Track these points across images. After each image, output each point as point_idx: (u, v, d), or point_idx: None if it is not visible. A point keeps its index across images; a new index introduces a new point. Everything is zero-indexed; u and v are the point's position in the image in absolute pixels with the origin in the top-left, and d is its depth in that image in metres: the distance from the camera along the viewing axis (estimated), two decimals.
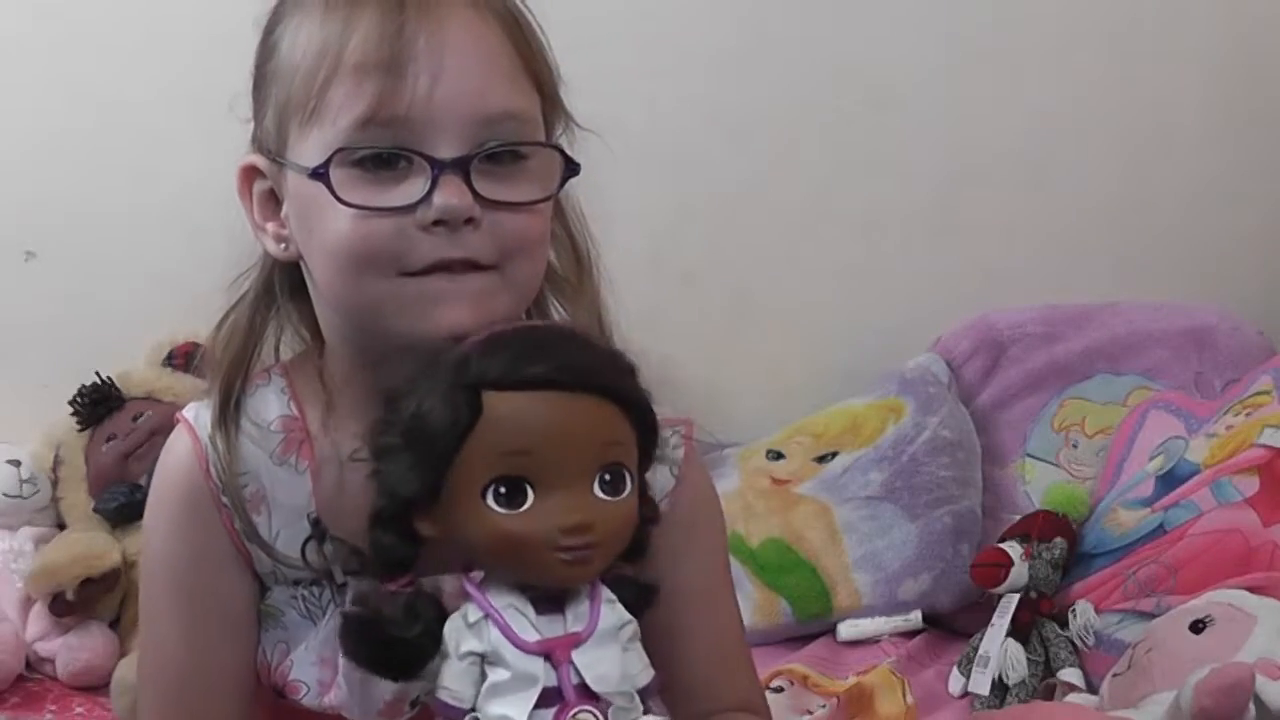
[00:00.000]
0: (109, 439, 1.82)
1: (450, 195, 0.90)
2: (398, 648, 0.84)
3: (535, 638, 0.82)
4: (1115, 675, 1.41)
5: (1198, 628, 1.37)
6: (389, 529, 0.85)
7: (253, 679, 1.03)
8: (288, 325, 1.03)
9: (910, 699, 1.51)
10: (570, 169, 0.96)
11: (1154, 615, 1.50)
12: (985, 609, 1.63)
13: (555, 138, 0.99)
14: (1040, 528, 1.66)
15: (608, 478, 0.83)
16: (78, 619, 1.70)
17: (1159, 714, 1.27)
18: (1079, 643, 1.57)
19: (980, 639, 1.60)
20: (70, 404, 1.83)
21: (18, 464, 1.83)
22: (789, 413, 1.95)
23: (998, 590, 1.61)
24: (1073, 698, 1.49)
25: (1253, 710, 1.21)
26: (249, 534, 0.99)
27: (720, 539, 1.11)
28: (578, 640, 0.83)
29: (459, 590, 0.86)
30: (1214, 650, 1.31)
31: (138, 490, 1.75)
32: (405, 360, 0.90)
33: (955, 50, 1.99)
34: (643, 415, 0.87)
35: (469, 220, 0.90)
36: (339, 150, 0.90)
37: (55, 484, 1.85)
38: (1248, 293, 2.01)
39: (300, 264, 0.98)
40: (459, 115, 0.90)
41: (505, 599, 0.83)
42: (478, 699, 0.82)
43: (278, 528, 0.99)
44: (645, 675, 0.86)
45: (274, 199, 0.98)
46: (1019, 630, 1.58)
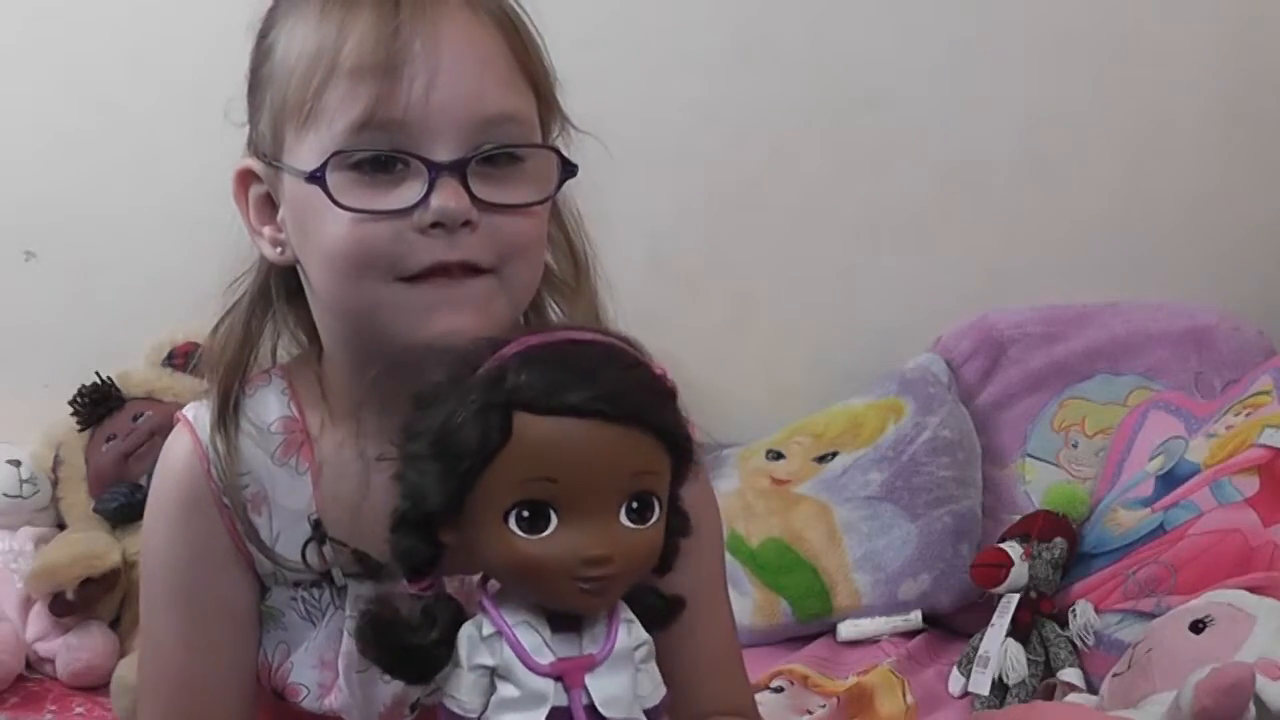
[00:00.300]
0: (109, 439, 1.82)
1: (448, 198, 0.89)
2: (412, 652, 0.82)
3: (548, 659, 0.80)
4: (1115, 675, 1.41)
5: (1198, 628, 1.37)
6: (410, 533, 0.83)
7: (254, 680, 1.02)
8: (284, 329, 1.03)
9: (910, 699, 1.51)
10: (568, 170, 0.96)
11: (1154, 615, 1.50)
12: (985, 609, 1.63)
13: (551, 139, 0.98)
14: (1040, 528, 1.66)
15: (635, 505, 0.81)
16: (78, 619, 1.70)
17: (1159, 714, 1.27)
18: (1079, 643, 1.57)
19: (980, 639, 1.59)
20: (70, 404, 1.83)
21: (18, 464, 1.83)
22: (789, 413, 1.95)
23: (998, 590, 1.61)
24: (1073, 698, 1.49)
25: (1253, 710, 1.21)
26: (249, 535, 0.99)
27: (718, 543, 1.11)
28: (592, 663, 0.81)
29: (476, 597, 0.84)
30: (1214, 650, 1.31)
31: (138, 490, 1.75)
32: (405, 363, 0.90)
33: (955, 50, 1.99)
34: (680, 443, 0.84)
35: (466, 223, 0.90)
36: (335, 154, 0.90)
37: (55, 484, 1.84)
38: (1248, 293, 2.01)
39: (297, 267, 0.98)
40: (456, 118, 0.90)
41: (521, 615, 0.81)
42: (485, 709, 0.81)
43: (278, 529, 0.99)
44: (656, 695, 0.85)
45: (270, 203, 0.98)
46: (1019, 630, 1.58)
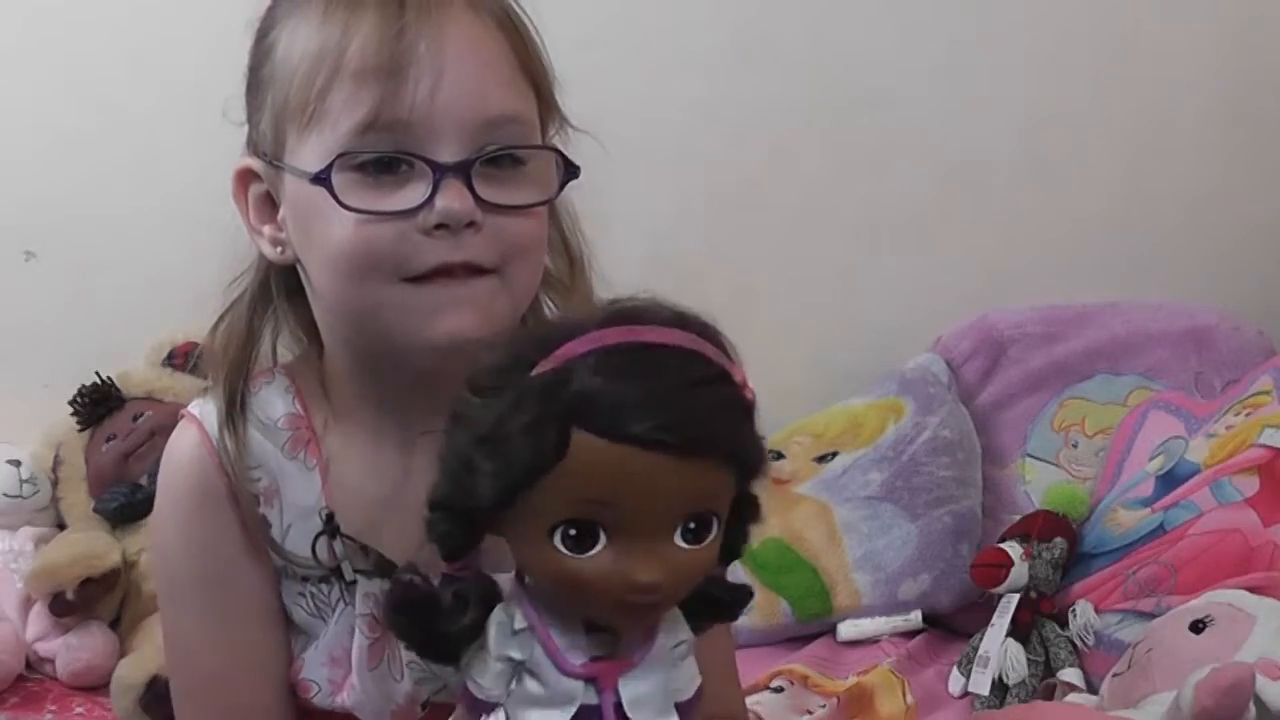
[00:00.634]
0: (109, 439, 1.81)
1: (452, 199, 0.90)
2: (443, 637, 0.78)
3: (581, 661, 0.76)
4: (1115, 675, 1.41)
5: (1198, 628, 1.37)
6: (449, 519, 0.77)
7: (286, 667, 1.01)
8: (284, 327, 1.02)
9: (910, 699, 1.51)
10: (570, 171, 0.96)
11: (1154, 615, 1.50)
12: (985, 609, 1.63)
13: (550, 139, 0.98)
14: (1040, 528, 1.66)
15: (692, 526, 0.74)
16: (78, 619, 1.69)
17: (1159, 714, 1.27)
18: (1079, 643, 1.57)
19: (980, 639, 1.60)
20: (70, 404, 1.82)
21: (18, 464, 1.83)
22: (789, 413, 1.95)
23: (998, 590, 1.61)
24: (1073, 698, 1.49)
25: (1253, 710, 1.21)
26: (260, 529, 0.99)
27: None
28: (628, 666, 0.77)
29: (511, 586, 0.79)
30: (1214, 650, 1.31)
31: (138, 490, 1.75)
32: (404, 364, 0.89)
33: (955, 50, 1.99)
34: (752, 464, 0.77)
35: (470, 224, 0.90)
36: (340, 155, 0.90)
37: (55, 484, 1.84)
38: (1248, 293, 2.01)
39: (297, 266, 0.98)
40: (460, 119, 0.90)
41: (556, 611, 0.77)
42: (508, 696, 0.78)
43: (288, 522, 0.99)
44: (691, 687, 0.81)
45: (270, 202, 0.97)
46: (1019, 630, 1.58)
